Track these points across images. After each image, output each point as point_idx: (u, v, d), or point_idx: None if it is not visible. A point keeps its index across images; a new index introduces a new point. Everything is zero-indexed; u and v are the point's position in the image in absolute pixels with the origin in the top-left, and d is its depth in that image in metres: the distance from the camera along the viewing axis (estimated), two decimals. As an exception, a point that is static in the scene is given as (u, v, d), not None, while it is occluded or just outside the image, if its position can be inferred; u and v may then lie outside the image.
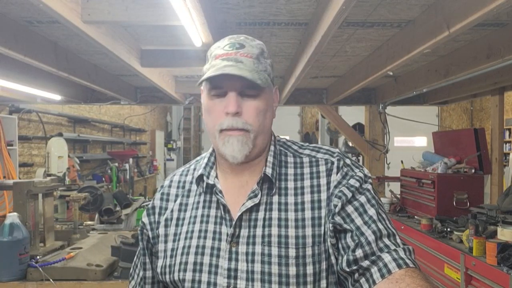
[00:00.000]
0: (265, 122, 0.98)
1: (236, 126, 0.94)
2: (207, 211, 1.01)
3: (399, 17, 2.47)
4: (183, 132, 11.57)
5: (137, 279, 1.10)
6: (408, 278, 0.81)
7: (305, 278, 0.91)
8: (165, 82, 4.16)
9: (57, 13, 1.86)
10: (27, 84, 3.58)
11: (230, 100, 0.94)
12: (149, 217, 1.08)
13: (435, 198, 3.83)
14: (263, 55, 0.98)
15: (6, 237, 2.14)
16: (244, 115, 0.94)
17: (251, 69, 0.93)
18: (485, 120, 9.63)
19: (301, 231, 0.94)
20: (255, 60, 0.96)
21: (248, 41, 0.99)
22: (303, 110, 10.73)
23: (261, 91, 0.96)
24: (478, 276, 2.73)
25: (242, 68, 0.92)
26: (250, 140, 0.95)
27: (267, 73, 0.98)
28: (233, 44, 0.97)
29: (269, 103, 0.99)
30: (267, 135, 1.01)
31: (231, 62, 0.93)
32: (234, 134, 0.94)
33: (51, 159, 5.04)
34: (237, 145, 0.94)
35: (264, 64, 0.98)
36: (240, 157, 0.95)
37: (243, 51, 0.95)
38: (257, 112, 0.96)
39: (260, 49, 0.98)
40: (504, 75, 3.61)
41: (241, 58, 0.94)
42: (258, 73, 0.94)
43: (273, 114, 1.03)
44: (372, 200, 0.94)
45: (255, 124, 0.95)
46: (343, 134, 5.73)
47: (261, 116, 0.97)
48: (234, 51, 0.95)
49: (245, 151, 0.95)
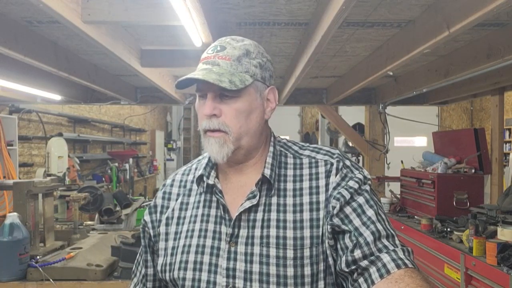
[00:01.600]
0: (249, 123, 0.98)
1: (212, 127, 0.96)
2: (208, 211, 1.01)
3: (399, 17, 2.47)
4: (183, 132, 11.57)
5: (139, 276, 1.12)
6: (407, 278, 0.81)
7: (302, 279, 0.92)
8: (165, 82, 4.16)
9: (57, 13, 1.86)
10: (27, 84, 3.58)
11: (207, 103, 0.96)
12: (150, 215, 1.09)
13: (435, 198, 3.83)
14: (248, 56, 0.97)
15: (6, 237, 2.14)
16: (223, 117, 0.96)
17: (226, 71, 0.94)
18: (485, 120, 9.62)
19: (299, 233, 0.94)
20: (234, 62, 0.96)
21: (232, 42, 0.98)
22: (303, 110, 10.73)
23: (241, 93, 0.95)
24: (478, 276, 2.73)
25: (214, 71, 0.93)
26: (230, 141, 0.96)
27: (250, 73, 0.97)
28: (215, 47, 0.99)
29: (254, 103, 0.98)
30: (255, 137, 1.00)
31: (208, 65, 0.96)
32: (212, 136, 0.97)
33: (51, 159, 5.04)
34: (215, 146, 0.96)
35: (247, 65, 0.97)
36: (220, 158, 0.96)
37: (222, 53, 0.96)
38: (237, 113, 0.96)
39: (245, 50, 0.97)
40: (504, 75, 3.61)
41: (218, 61, 0.96)
42: (234, 75, 0.94)
43: (264, 115, 1.01)
44: (370, 201, 0.94)
45: (235, 126, 0.96)
46: (343, 134, 5.73)
47: (242, 117, 0.96)
48: (213, 54, 0.97)
49: (224, 152, 0.96)
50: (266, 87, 1.01)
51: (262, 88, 1.00)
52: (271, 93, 1.03)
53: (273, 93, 1.03)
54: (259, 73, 0.99)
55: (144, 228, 1.10)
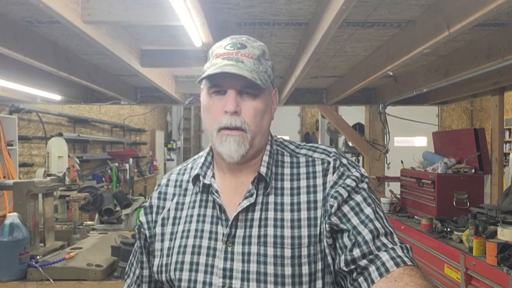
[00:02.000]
0: (263, 123, 0.98)
1: (234, 125, 0.94)
2: (204, 211, 1.01)
3: (399, 17, 2.47)
4: (183, 132, 11.58)
5: (133, 277, 1.10)
6: (406, 276, 0.81)
7: (300, 278, 0.91)
8: (165, 82, 4.16)
9: (57, 13, 1.86)
10: (27, 84, 3.58)
11: (229, 99, 0.94)
12: (146, 216, 1.08)
13: (435, 198, 3.83)
14: (264, 57, 0.99)
15: (6, 237, 2.14)
16: (242, 114, 0.95)
17: (252, 69, 0.94)
18: (485, 120, 9.62)
19: (296, 232, 0.94)
20: (256, 61, 0.96)
21: (250, 42, 0.99)
22: (303, 110, 10.73)
23: (260, 92, 0.96)
24: (478, 276, 2.73)
25: (243, 68, 0.93)
26: (247, 140, 0.95)
27: (268, 74, 0.98)
28: (234, 44, 0.97)
29: (268, 104, 0.99)
30: (265, 137, 1.01)
31: (232, 61, 0.94)
32: (231, 134, 0.94)
33: (51, 159, 5.04)
34: (234, 144, 0.94)
35: (265, 65, 0.98)
36: (237, 156, 0.95)
37: (244, 51, 0.96)
38: (255, 112, 0.96)
39: (262, 50, 0.98)
40: (504, 75, 3.61)
41: (242, 58, 0.94)
42: (258, 73, 0.94)
43: (272, 116, 1.03)
44: (368, 199, 0.94)
45: (253, 124, 0.96)
46: (343, 134, 5.73)
47: (259, 116, 0.97)
48: (235, 51, 0.96)
49: (241, 151, 0.95)
50: (273, 89, 1.03)
51: (271, 89, 1.02)
52: (275, 95, 1.05)
53: (276, 95, 1.06)
54: (272, 75, 1.01)
55: (139, 229, 1.09)
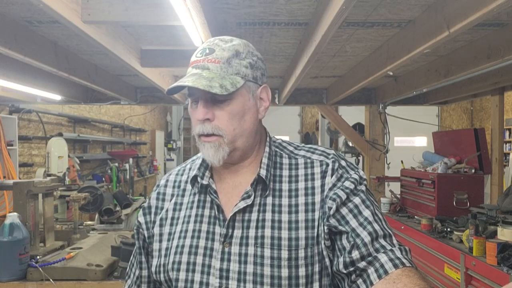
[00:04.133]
0: (244, 124, 0.97)
1: (206, 132, 0.95)
2: (201, 211, 1.01)
3: (399, 17, 2.47)
4: (183, 132, 11.58)
5: (133, 278, 1.11)
6: (405, 277, 0.81)
7: (297, 280, 0.91)
8: (165, 82, 4.16)
9: (57, 13, 1.86)
10: (27, 84, 3.58)
11: (199, 108, 0.95)
12: (145, 216, 1.08)
13: (435, 198, 3.83)
14: (238, 56, 0.96)
15: (6, 237, 2.14)
16: (216, 121, 0.95)
17: (216, 75, 0.93)
18: (485, 120, 9.62)
19: (294, 233, 0.94)
20: (224, 64, 0.95)
21: (221, 43, 0.97)
22: (303, 110, 10.73)
23: (233, 95, 0.95)
24: (478, 276, 2.73)
25: (205, 76, 0.92)
26: (225, 144, 0.95)
27: (241, 75, 0.96)
28: (203, 49, 0.97)
29: (247, 104, 0.97)
30: (251, 137, 1.00)
31: (198, 69, 0.95)
32: (206, 140, 0.96)
33: (51, 159, 5.04)
34: (211, 150, 0.96)
35: (237, 66, 0.96)
36: (217, 161, 0.96)
37: (211, 56, 0.95)
38: (230, 115, 0.95)
39: (234, 50, 0.96)
40: (504, 75, 3.62)
41: (208, 65, 0.94)
42: (224, 78, 0.93)
43: (259, 114, 1.01)
44: (366, 201, 0.94)
45: (229, 128, 0.95)
46: (343, 134, 5.72)
47: (236, 119, 0.96)
48: (202, 58, 0.96)
49: (219, 155, 0.96)
50: (258, 86, 1.00)
51: (254, 88, 0.99)
52: (264, 92, 1.02)
53: (266, 92, 1.02)
54: (250, 73, 0.98)
55: (138, 230, 1.09)
